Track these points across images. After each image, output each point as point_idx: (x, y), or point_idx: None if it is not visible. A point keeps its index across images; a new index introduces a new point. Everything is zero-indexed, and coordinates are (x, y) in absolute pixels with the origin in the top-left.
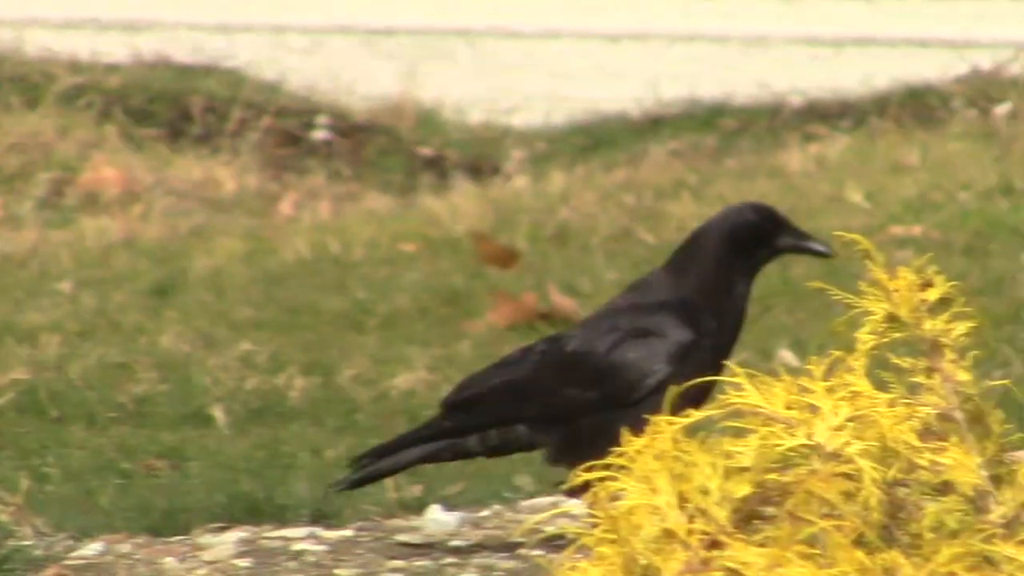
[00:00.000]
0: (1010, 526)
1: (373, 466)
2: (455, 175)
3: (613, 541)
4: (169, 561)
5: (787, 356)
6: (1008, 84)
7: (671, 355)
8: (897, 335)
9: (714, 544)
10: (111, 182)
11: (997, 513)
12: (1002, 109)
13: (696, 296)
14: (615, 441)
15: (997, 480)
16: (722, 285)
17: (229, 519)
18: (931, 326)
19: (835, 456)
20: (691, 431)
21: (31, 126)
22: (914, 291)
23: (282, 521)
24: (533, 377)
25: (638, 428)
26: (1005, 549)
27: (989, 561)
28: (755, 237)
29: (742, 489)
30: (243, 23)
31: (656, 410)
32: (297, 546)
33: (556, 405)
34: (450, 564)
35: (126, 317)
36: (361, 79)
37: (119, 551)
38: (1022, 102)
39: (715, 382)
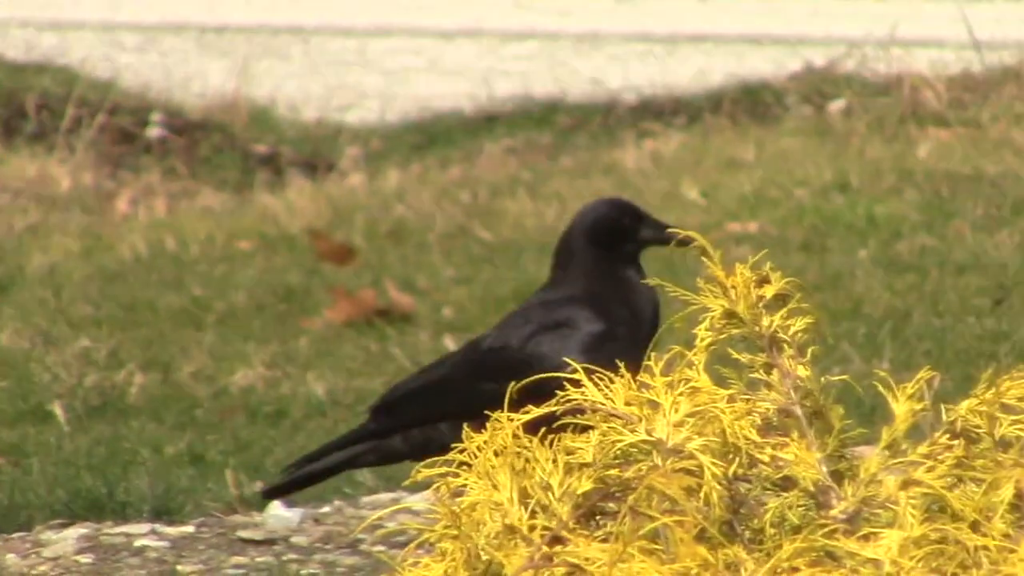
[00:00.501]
0: (852, 521)
1: (300, 471)
2: (290, 172)
3: (455, 537)
4: (11, 558)
5: None
6: (842, 80)
7: (584, 346)
8: (735, 331)
9: (556, 540)
10: None
11: (838, 508)
12: (836, 105)
13: (595, 290)
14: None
15: (838, 475)
16: (609, 277)
17: (70, 515)
18: (769, 322)
19: (676, 452)
20: (531, 427)
21: None
22: (751, 288)
23: (123, 517)
24: (451, 375)
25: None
26: (847, 544)
27: (831, 556)
28: (616, 232)
29: (583, 485)
30: (75, 20)
31: None
32: (139, 542)
33: (474, 401)
34: (292, 560)
35: None
36: (195, 76)
37: None
38: (856, 98)
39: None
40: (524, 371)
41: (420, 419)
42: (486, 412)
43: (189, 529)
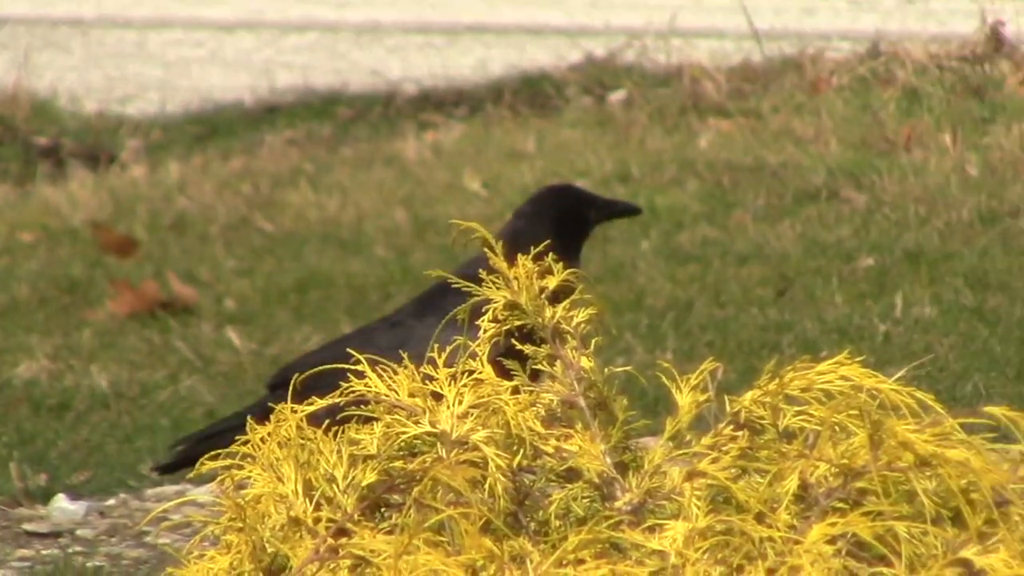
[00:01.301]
0: (637, 513)
1: (191, 449)
2: (72, 164)
3: (240, 530)
4: None
5: None
6: (622, 71)
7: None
8: (519, 323)
9: (341, 532)
10: None
11: (623, 500)
12: (617, 96)
13: None
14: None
15: (623, 467)
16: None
17: None
18: (552, 313)
19: (460, 443)
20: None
21: None
22: (534, 279)
23: None
24: (367, 349)
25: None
26: (632, 536)
27: (616, 548)
28: (578, 219)
29: (368, 477)
30: None
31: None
32: None
33: None
34: (78, 553)
35: None
36: None
37: None
38: (637, 89)
39: None
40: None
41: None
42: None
43: None
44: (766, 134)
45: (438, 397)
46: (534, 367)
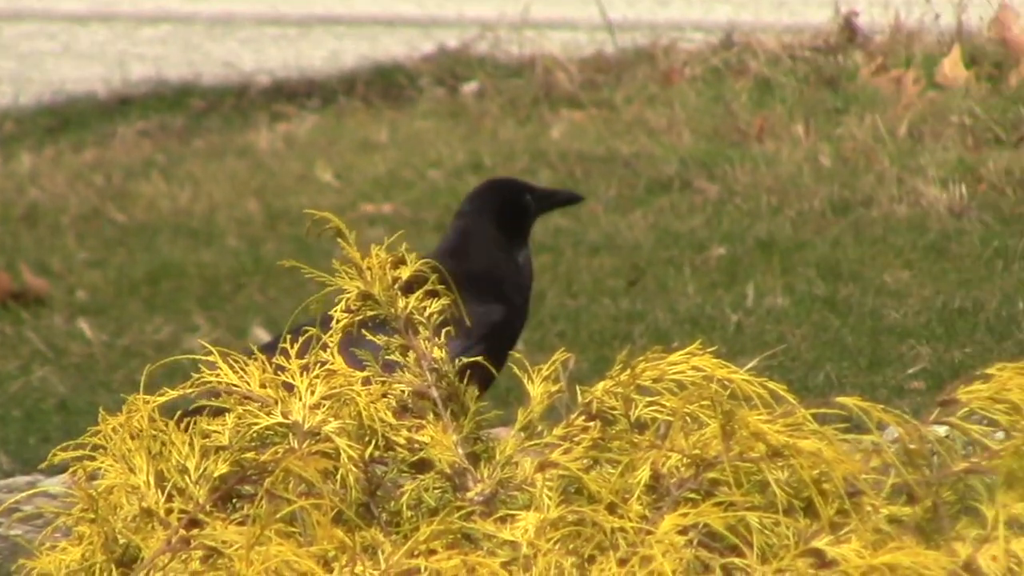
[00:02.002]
0: (488, 503)
1: None
2: None
3: (92, 521)
4: None
5: (260, 334)
6: (475, 62)
7: (481, 334)
8: (371, 313)
9: (193, 523)
10: None
11: (475, 490)
12: (470, 87)
13: (489, 273)
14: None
15: (474, 457)
16: (504, 259)
17: None
18: (405, 304)
19: (312, 434)
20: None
21: None
22: (386, 269)
23: None
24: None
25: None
26: (484, 526)
27: (468, 538)
28: (521, 211)
29: (220, 468)
30: None
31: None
32: None
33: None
34: None
35: None
36: None
37: None
38: (489, 80)
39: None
40: None
41: None
42: None
43: None
44: (619, 125)
45: (290, 388)
46: (387, 358)
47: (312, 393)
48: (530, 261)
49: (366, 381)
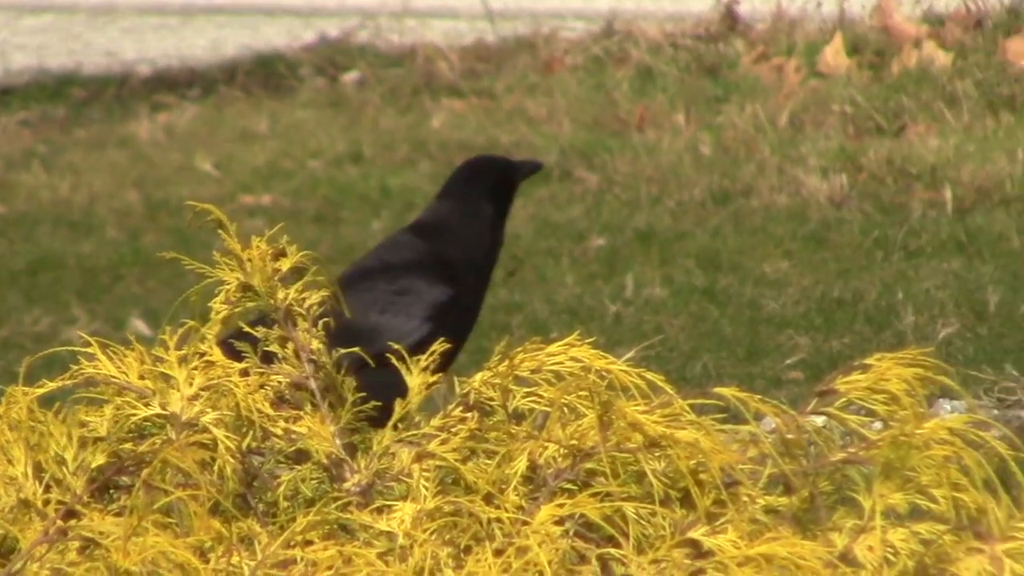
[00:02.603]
0: (365, 494)
1: None
2: None
3: None
4: None
5: (139, 325)
6: (356, 51)
7: (428, 315)
8: (251, 304)
9: (70, 514)
10: None
11: (352, 481)
12: (350, 77)
13: (455, 253)
14: (380, 397)
15: (352, 448)
16: (484, 239)
17: None
18: (284, 295)
19: (190, 425)
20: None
21: None
22: (267, 260)
23: None
24: None
25: (399, 383)
26: (361, 517)
27: (345, 529)
28: (502, 185)
29: (97, 459)
30: None
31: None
32: None
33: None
34: None
35: None
36: None
37: None
38: (370, 69)
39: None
40: (368, 338)
41: None
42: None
43: None
44: (499, 114)
45: (168, 379)
46: (266, 349)
47: (191, 384)
48: (501, 243)
49: (244, 372)
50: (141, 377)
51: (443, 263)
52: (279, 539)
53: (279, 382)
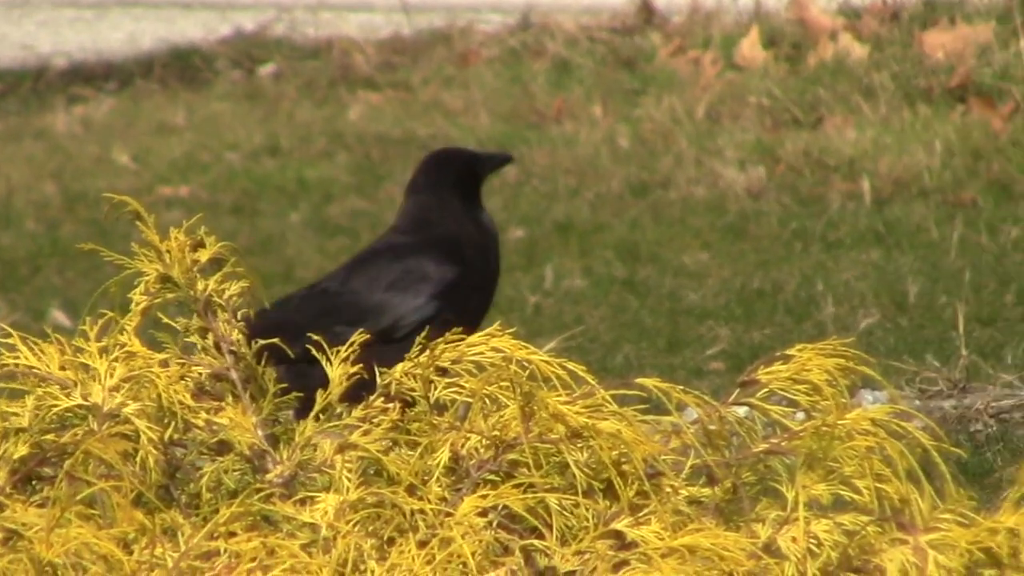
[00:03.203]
0: (288, 485)
1: None
2: None
3: None
4: None
5: (59, 317)
6: (272, 44)
7: (436, 292)
8: (171, 296)
9: None
10: None
11: (275, 472)
12: (266, 70)
13: (449, 236)
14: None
15: (274, 439)
16: (467, 223)
17: None
18: (204, 286)
19: (112, 416)
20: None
21: None
22: (185, 252)
23: None
24: (295, 320)
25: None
26: (283, 508)
27: (268, 520)
28: (470, 176)
29: (19, 450)
30: None
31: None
32: None
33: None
34: None
35: None
36: None
37: None
38: (286, 62)
39: (482, 315)
40: (375, 316)
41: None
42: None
43: None
44: (416, 107)
45: (89, 370)
46: (186, 339)
47: (112, 375)
48: (491, 222)
49: (165, 363)
50: (62, 368)
51: (446, 244)
52: (202, 531)
53: (200, 373)
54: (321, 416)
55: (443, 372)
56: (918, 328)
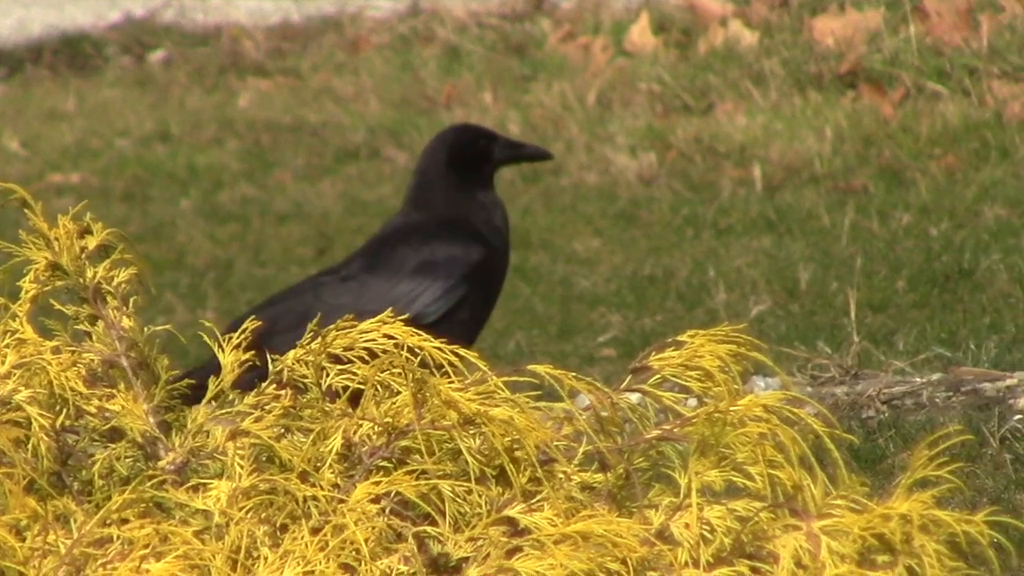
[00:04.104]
0: (180, 472)
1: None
2: None
3: None
4: None
5: None
6: (161, 31)
7: (464, 274)
8: (60, 283)
9: None
10: None
11: (167, 459)
12: (157, 56)
13: (461, 212)
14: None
15: (166, 426)
16: (468, 202)
17: None
18: (93, 274)
19: (3, 404)
20: None
21: None
22: (75, 239)
23: None
24: (315, 307)
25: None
26: (176, 495)
27: (161, 507)
28: (473, 154)
29: None
30: None
31: (451, 329)
32: None
33: None
34: None
35: None
36: None
37: None
38: (176, 49)
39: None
40: (405, 300)
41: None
42: None
43: None
44: (306, 93)
45: None
46: (76, 327)
47: (3, 362)
48: (500, 204)
49: (56, 350)
50: None
51: (462, 224)
52: (95, 517)
53: (91, 360)
54: (214, 402)
55: (336, 359)
56: (810, 315)
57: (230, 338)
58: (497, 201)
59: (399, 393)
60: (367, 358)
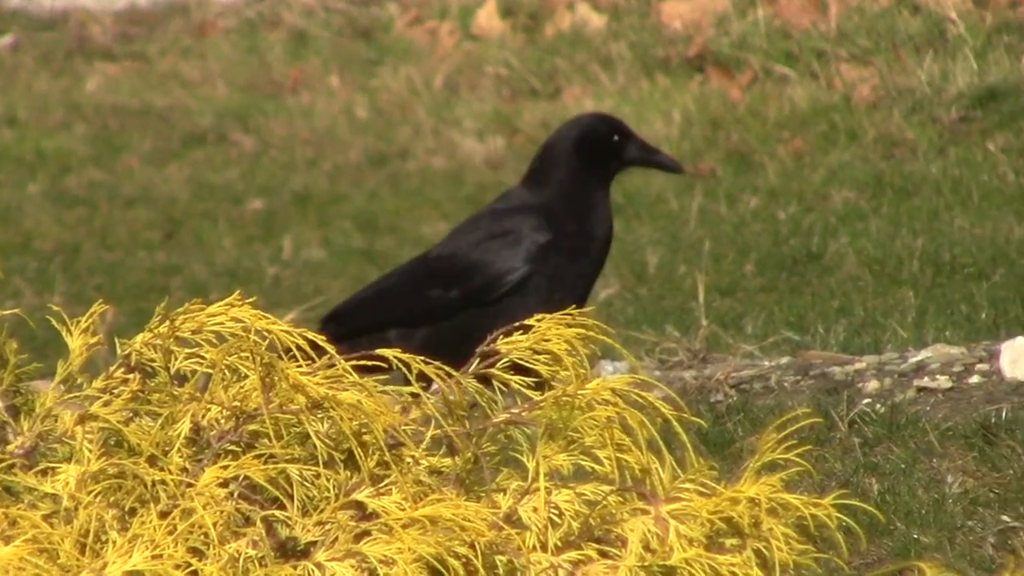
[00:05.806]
0: (29, 456)
1: None
2: None
3: None
4: None
5: None
6: (8, 15)
7: (529, 254)
8: None
9: None
10: None
11: (16, 443)
12: (3, 41)
13: (555, 202)
14: (476, 340)
15: (15, 410)
16: (578, 192)
17: None
18: None
19: None
20: None
21: None
22: None
23: None
24: (399, 282)
25: (498, 325)
26: (25, 479)
27: (9, 491)
28: (603, 148)
29: None
30: None
31: (516, 308)
32: None
33: (420, 307)
34: None
35: None
36: None
37: None
38: (24, 33)
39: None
40: (469, 277)
41: (369, 327)
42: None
43: None
44: (153, 77)
45: None
46: None
47: None
48: (608, 212)
49: None
50: None
51: (545, 207)
52: None
53: None
54: (62, 387)
55: (183, 342)
56: (658, 298)
57: (77, 322)
58: (607, 208)
59: (247, 377)
60: (215, 341)
